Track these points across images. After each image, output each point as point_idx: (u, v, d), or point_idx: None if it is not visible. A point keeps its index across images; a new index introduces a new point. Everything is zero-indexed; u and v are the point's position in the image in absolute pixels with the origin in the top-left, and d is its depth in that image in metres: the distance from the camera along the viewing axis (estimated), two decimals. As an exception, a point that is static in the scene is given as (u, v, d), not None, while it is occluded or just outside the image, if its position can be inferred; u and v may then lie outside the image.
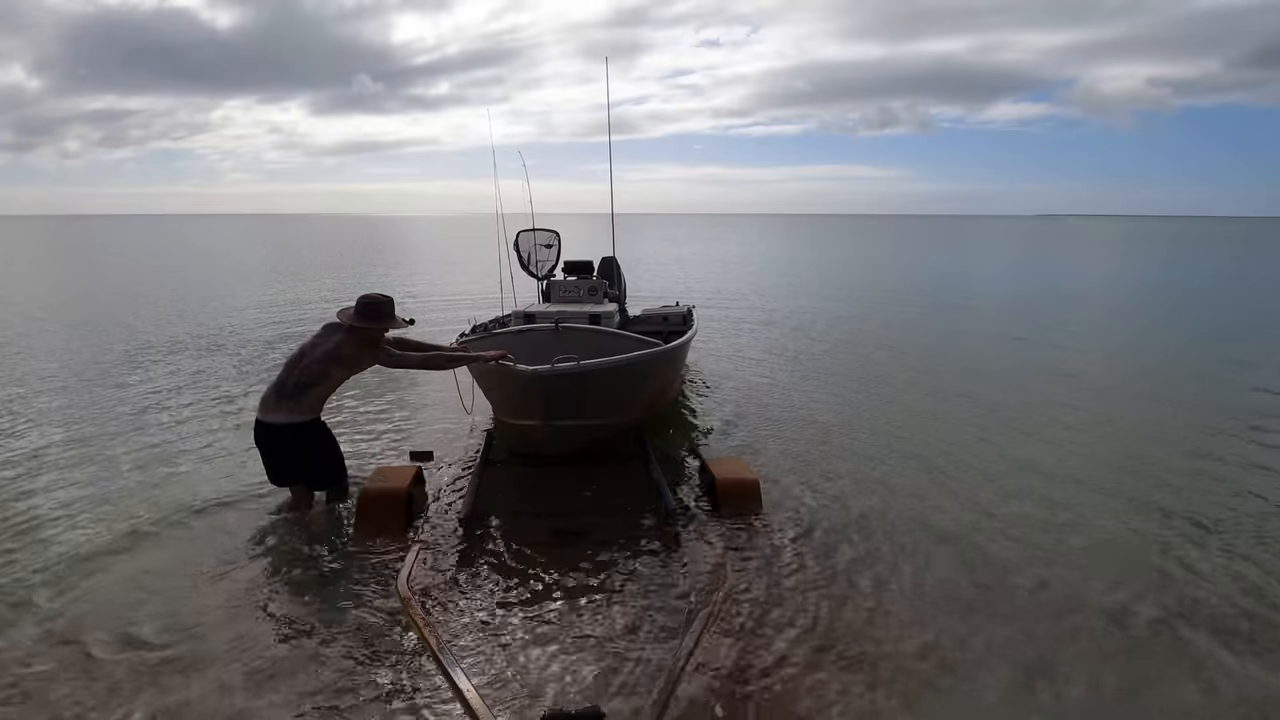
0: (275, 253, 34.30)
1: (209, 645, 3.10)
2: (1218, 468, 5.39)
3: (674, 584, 3.66)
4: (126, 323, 12.11)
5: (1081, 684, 2.92)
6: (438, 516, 4.41)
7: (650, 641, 3.15)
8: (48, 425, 6.24)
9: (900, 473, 5.22)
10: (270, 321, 12.28)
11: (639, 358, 5.16)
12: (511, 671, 2.94)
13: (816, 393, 7.62)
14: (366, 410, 6.79)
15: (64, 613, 3.34)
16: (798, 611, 3.40)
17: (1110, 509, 4.62)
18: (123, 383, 7.82)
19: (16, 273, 24.40)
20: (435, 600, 3.48)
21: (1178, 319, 13.88)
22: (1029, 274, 25.10)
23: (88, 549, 3.94)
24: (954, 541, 4.13)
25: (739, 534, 4.20)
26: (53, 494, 4.74)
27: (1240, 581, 3.70)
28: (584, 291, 6.79)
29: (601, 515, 4.47)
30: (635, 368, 5.11)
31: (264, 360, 8.90)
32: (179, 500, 4.63)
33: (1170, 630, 3.29)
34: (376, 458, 5.50)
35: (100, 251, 36.61)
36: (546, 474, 5.19)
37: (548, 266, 7.66)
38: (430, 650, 3.03)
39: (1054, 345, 10.45)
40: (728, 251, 34.35)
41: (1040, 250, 41.76)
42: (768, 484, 4.76)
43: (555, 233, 7.73)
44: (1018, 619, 3.38)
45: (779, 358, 9.36)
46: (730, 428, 6.38)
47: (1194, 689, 2.91)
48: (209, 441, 5.83)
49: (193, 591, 3.54)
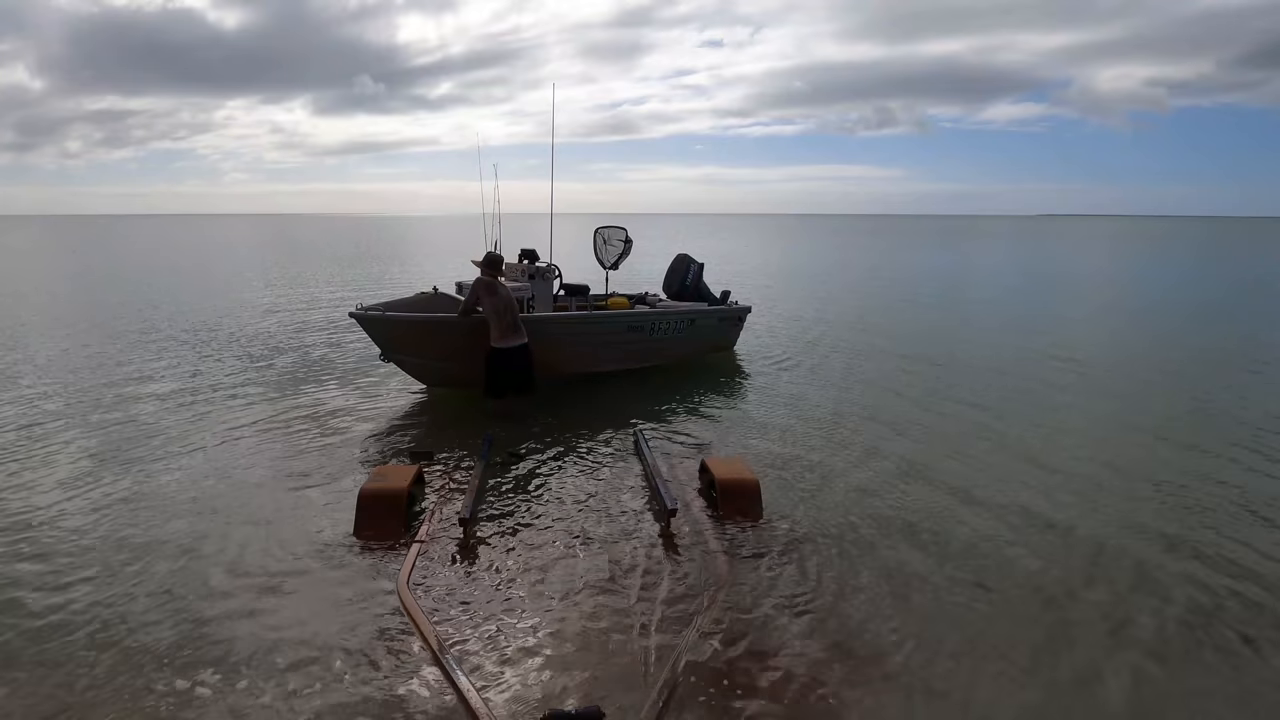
0: (287, 253, 34.26)
1: (208, 644, 3.10)
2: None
3: (673, 584, 3.66)
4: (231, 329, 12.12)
5: (1081, 685, 2.92)
6: (438, 516, 4.42)
7: (650, 641, 3.15)
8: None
9: (901, 474, 5.22)
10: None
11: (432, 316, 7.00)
12: (511, 671, 2.95)
13: (817, 393, 7.63)
14: (366, 410, 6.80)
15: (64, 609, 3.35)
16: (797, 611, 3.41)
17: (1110, 508, 4.63)
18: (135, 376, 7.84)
19: (14, 272, 24.41)
20: (435, 600, 3.48)
21: (1203, 323, 13.82)
22: (1029, 274, 25.10)
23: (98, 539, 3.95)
24: (954, 543, 4.14)
25: (739, 534, 4.20)
26: (53, 489, 4.76)
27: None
28: (518, 273, 8.06)
29: (601, 515, 4.48)
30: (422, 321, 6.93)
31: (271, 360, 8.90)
32: (179, 500, 4.64)
33: (1170, 633, 3.30)
34: (377, 458, 5.51)
35: (129, 251, 36.56)
36: (546, 474, 5.20)
37: (615, 256, 8.87)
38: (430, 650, 3.03)
39: (1056, 345, 10.44)
40: (727, 251, 34.34)
41: (1040, 250, 41.75)
42: (768, 484, 4.76)
43: (624, 229, 8.99)
44: (1018, 620, 3.39)
45: (779, 358, 9.36)
46: (730, 428, 6.39)
47: (1195, 690, 2.92)
48: (225, 438, 5.84)
49: (193, 591, 3.55)
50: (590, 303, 8.70)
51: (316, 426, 6.26)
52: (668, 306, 8.74)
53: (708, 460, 4.95)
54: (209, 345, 10.00)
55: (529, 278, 7.91)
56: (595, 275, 8.96)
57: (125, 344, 10.04)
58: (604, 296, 8.75)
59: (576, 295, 8.72)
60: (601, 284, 8.93)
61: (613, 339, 7.96)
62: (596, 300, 8.76)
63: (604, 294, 8.79)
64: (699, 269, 9.29)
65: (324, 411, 6.72)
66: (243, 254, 33.40)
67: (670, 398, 7.27)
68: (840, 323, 12.57)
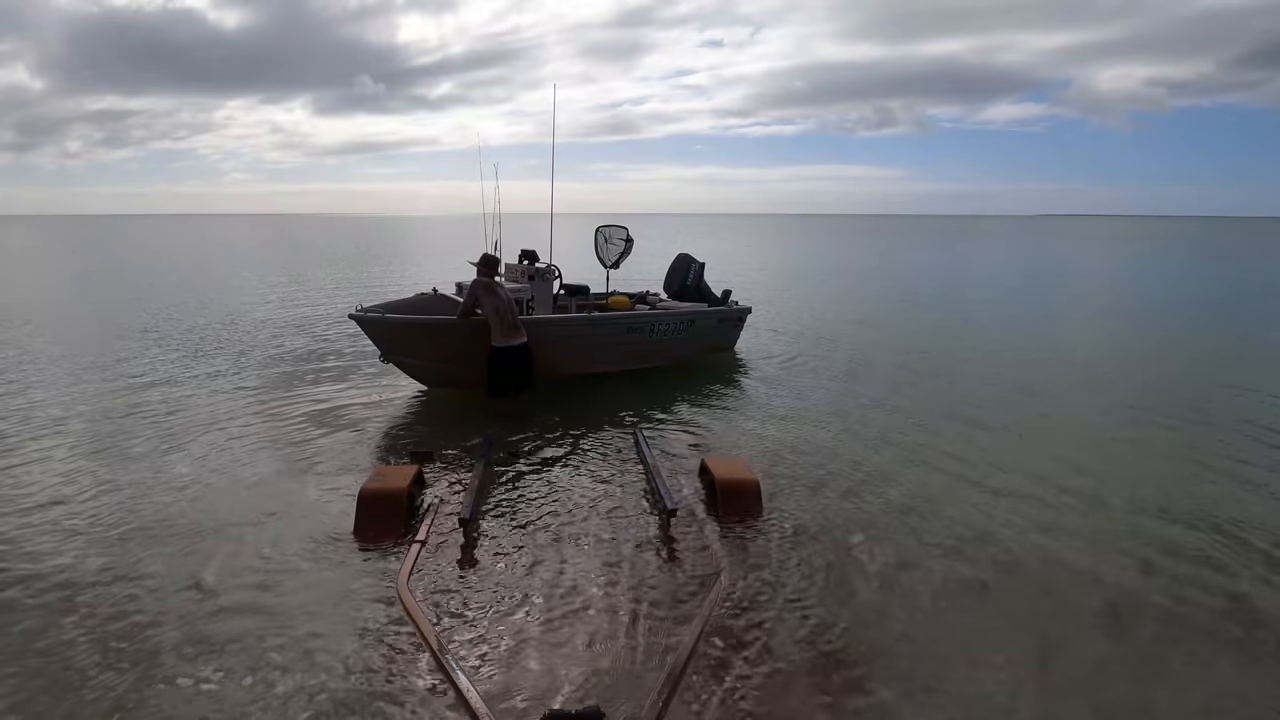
0: (287, 253, 34.26)
1: (208, 643, 3.10)
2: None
3: (674, 584, 3.66)
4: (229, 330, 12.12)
5: (1082, 686, 2.92)
6: (438, 516, 4.41)
7: (650, 641, 3.15)
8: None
9: (901, 475, 5.22)
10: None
11: (431, 318, 6.97)
12: (511, 671, 2.95)
13: (817, 394, 7.63)
14: (366, 409, 6.80)
15: (62, 608, 3.35)
16: (797, 611, 3.41)
17: (1112, 508, 4.63)
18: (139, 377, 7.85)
19: (17, 271, 24.42)
20: (435, 600, 3.48)
21: (1203, 323, 13.83)
22: (1029, 275, 25.09)
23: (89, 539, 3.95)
24: (955, 542, 4.14)
25: (739, 534, 4.20)
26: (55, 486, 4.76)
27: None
28: (518, 274, 8.15)
29: (601, 516, 4.48)
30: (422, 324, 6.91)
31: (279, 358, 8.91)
32: (179, 499, 4.64)
33: (1172, 636, 3.30)
34: (377, 458, 5.51)
35: (137, 252, 36.57)
36: (546, 474, 5.20)
37: (616, 255, 8.91)
38: (430, 650, 3.03)
39: (1057, 345, 10.45)
40: (727, 251, 34.33)
41: (1040, 251, 41.74)
42: (768, 484, 4.76)
43: (625, 229, 9.02)
44: (1020, 620, 3.39)
45: (779, 358, 9.36)
46: (730, 428, 6.39)
47: (1197, 689, 2.92)
48: (211, 452, 5.85)
49: (192, 590, 3.55)
50: (591, 303, 8.71)
51: (316, 426, 6.26)
52: (667, 307, 8.76)
53: (708, 460, 4.95)
54: (209, 345, 9.99)
55: (529, 279, 7.93)
56: (595, 275, 8.98)
57: (125, 343, 10.03)
58: (605, 296, 8.76)
59: (576, 296, 8.74)
60: (602, 284, 8.97)
61: (612, 340, 7.97)
62: (598, 299, 8.78)
63: (605, 293, 8.82)
64: (700, 269, 9.31)
65: (324, 411, 6.72)
66: (243, 254, 33.39)
67: (670, 398, 7.27)
68: (840, 323, 12.56)
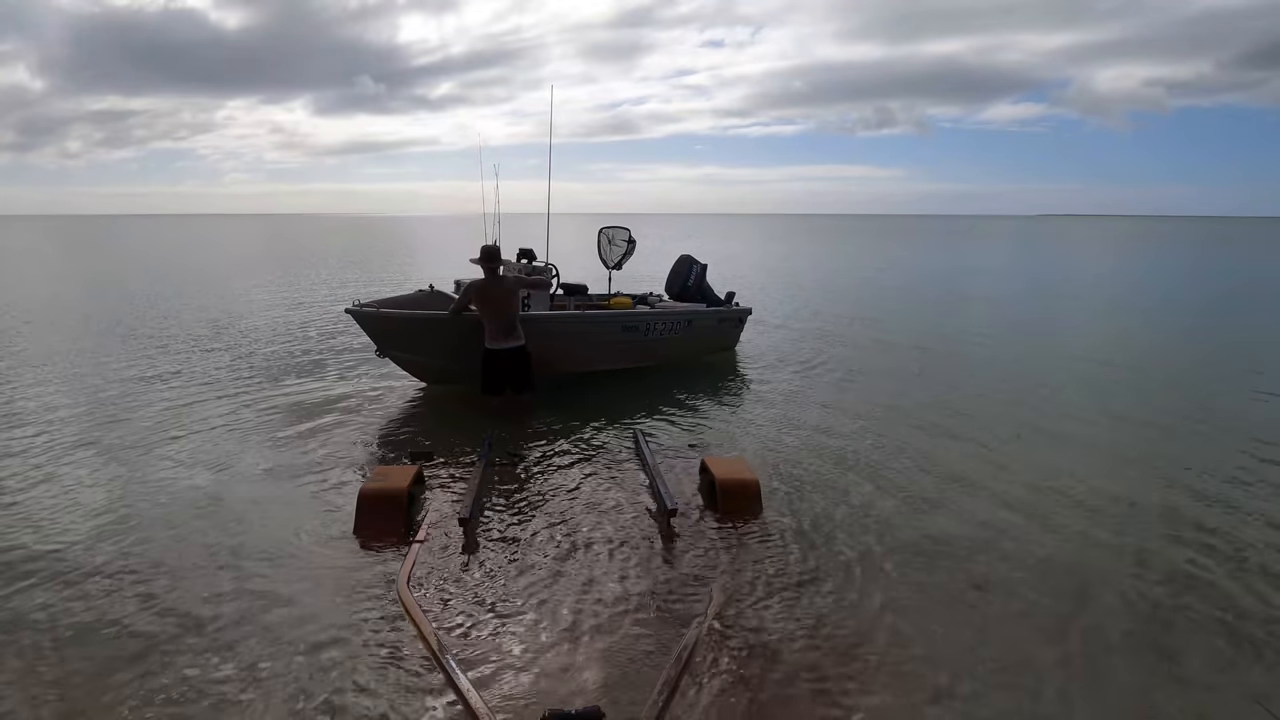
0: (287, 253, 34.24)
1: (205, 643, 3.10)
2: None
3: (674, 584, 3.66)
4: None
5: (1085, 688, 2.92)
6: (438, 516, 4.41)
7: (650, 641, 3.15)
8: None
9: (902, 475, 5.21)
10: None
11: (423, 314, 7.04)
12: (511, 671, 2.94)
13: (818, 393, 7.62)
14: (366, 409, 6.79)
15: (59, 607, 3.35)
16: (797, 612, 3.40)
17: (1113, 507, 4.63)
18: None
19: (18, 272, 24.43)
20: (435, 600, 3.48)
21: (1204, 324, 13.83)
22: (1029, 275, 25.10)
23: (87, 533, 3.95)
24: (955, 545, 4.13)
25: (739, 535, 4.20)
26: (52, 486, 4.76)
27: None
28: (515, 272, 8.18)
29: (601, 515, 4.47)
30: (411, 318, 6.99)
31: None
32: (176, 498, 4.63)
33: (1171, 633, 3.30)
34: (377, 458, 5.51)
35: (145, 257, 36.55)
36: (546, 474, 5.20)
37: (619, 256, 8.99)
38: (430, 650, 3.02)
39: (1057, 346, 10.45)
40: (728, 251, 34.34)
41: (1040, 251, 41.76)
42: (768, 484, 4.76)
43: (628, 229, 9.11)
44: (1021, 621, 3.38)
45: (780, 358, 9.35)
46: (730, 428, 6.39)
47: (1198, 689, 2.92)
48: (207, 438, 5.84)
49: (189, 590, 3.54)
50: (590, 302, 8.70)
51: (316, 426, 6.26)
52: (665, 307, 8.75)
53: (708, 460, 4.94)
54: (207, 344, 9.98)
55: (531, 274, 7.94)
56: (594, 274, 8.97)
57: (123, 342, 10.01)
58: (608, 296, 8.75)
59: (575, 295, 8.74)
60: (602, 284, 8.96)
61: (607, 338, 7.96)
62: (599, 299, 8.77)
63: (608, 294, 8.79)
64: (701, 270, 9.28)
65: (323, 411, 6.72)
66: (242, 254, 33.39)
67: (670, 398, 7.26)
68: (841, 323, 12.55)
